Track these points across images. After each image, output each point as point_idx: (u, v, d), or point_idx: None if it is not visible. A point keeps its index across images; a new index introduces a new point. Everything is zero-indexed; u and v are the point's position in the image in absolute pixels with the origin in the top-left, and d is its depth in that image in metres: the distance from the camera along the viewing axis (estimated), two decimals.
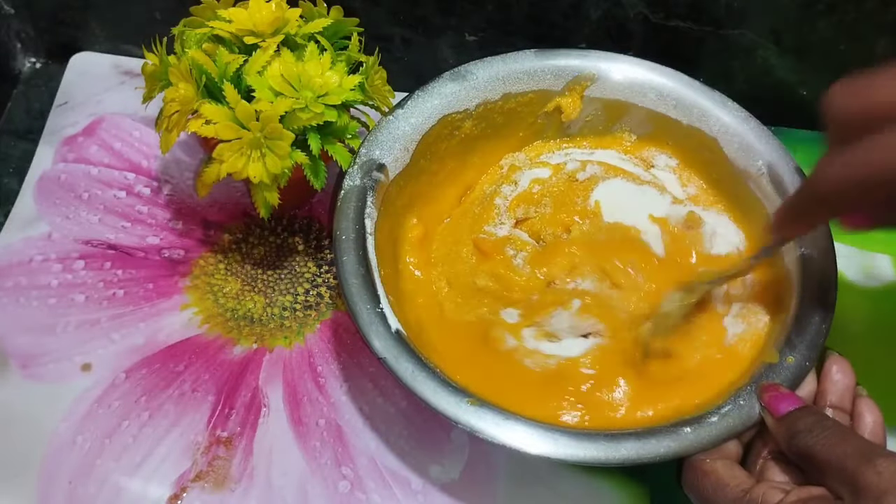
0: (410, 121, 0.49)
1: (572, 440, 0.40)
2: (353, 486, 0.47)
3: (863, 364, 0.53)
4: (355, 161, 0.47)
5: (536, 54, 0.51)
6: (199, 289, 0.53)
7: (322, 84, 0.45)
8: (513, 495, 0.47)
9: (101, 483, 0.46)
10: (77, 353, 0.50)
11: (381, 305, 0.43)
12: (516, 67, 0.51)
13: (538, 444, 0.40)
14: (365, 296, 0.43)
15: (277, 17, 0.46)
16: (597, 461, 0.40)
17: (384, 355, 0.41)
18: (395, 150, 0.48)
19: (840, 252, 0.46)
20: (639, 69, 0.52)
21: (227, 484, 0.47)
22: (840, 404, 0.42)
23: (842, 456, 0.35)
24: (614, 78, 0.52)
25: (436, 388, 0.41)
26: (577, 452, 0.40)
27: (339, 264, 0.44)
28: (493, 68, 0.51)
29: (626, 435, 0.40)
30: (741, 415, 0.41)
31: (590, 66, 0.52)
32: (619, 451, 0.40)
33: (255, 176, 0.44)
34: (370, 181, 0.47)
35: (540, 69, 0.51)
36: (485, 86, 0.51)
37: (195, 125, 0.44)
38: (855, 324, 0.53)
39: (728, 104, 0.51)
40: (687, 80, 0.52)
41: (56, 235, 0.54)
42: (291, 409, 0.49)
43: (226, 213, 0.56)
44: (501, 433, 0.40)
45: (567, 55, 0.52)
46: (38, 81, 0.63)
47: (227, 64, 0.45)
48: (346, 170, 0.47)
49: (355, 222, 0.45)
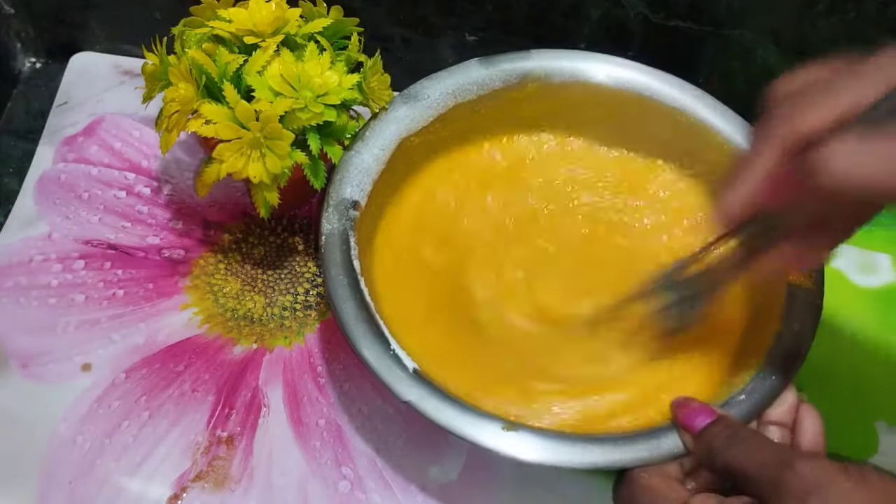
0: (373, 152, 0.48)
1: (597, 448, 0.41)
2: (353, 486, 0.47)
3: (862, 364, 0.53)
4: (328, 202, 0.46)
5: (481, 62, 0.51)
6: (199, 289, 0.53)
7: (322, 84, 0.45)
8: (512, 495, 0.47)
9: (101, 483, 0.46)
10: (77, 353, 0.50)
11: (393, 347, 0.42)
12: (464, 79, 0.51)
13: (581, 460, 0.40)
14: (375, 342, 0.42)
15: (277, 17, 0.46)
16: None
17: (408, 398, 0.41)
18: (364, 184, 0.48)
19: (840, 251, 0.46)
20: (587, 63, 0.52)
21: (227, 484, 0.47)
22: (780, 419, 0.42)
23: (760, 466, 0.36)
24: (564, 72, 0.52)
25: (470, 420, 0.41)
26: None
27: (340, 312, 0.43)
28: (443, 84, 0.51)
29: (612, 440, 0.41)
30: None
31: (536, 67, 0.52)
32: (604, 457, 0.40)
33: (254, 176, 0.44)
34: (348, 221, 0.46)
35: (488, 77, 0.51)
36: (437, 103, 0.50)
37: (195, 125, 0.44)
38: (855, 323, 0.53)
39: (672, 80, 0.52)
40: (621, 62, 0.52)
41: (56, 235, 0.54)
42: (291, 409, 0.49)
43: (226, 213, 0.56)
44: (544, 455, 0.40)
45: (512, 58, 0.52)
46: (38, 81, 0.63)
47: (227, 64, 0.45)
48: (322, 212, 0.46)
49: (344, 266, 0.44)
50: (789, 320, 0.45)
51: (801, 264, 0.38)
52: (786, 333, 0.44)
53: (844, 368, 0.52)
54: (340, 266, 0.44)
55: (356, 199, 0.47)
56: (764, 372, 0.43)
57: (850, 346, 0.53)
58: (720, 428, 0.39)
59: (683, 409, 0.41)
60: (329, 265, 0.44)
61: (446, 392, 0.41)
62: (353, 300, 0.43)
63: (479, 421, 0.41)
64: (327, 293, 0.44)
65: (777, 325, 0.45)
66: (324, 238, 0.45)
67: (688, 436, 0.40)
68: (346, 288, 0.44)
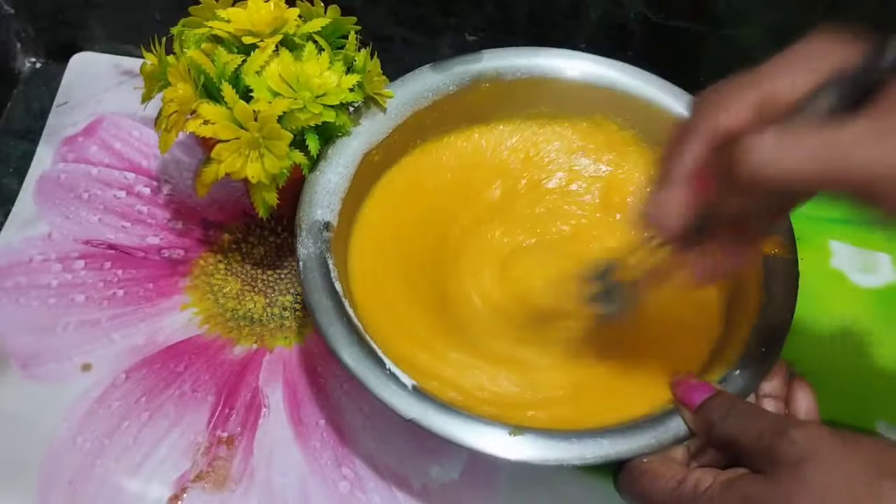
0: (338, 170, 0.48)
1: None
2: (353, 486, 0.47)
3: (862, 364, 0.53)
4: (301, 227, 0.46)
5: (433, 68, 0.52)
6: (199, 289, 0.53)
7: (320, 84, 0.45)
8: (513, 495, 0.47)
9: (101, 483, 0.46)
10: (77, 353, 0.50)
11: (388, 366, 0.42)
12: (418, 87, 0.51)
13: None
14: (369, 363, 0.42)
15: (276, 17, 0.46)
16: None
17: (412, 416, 0.41)
18: (333, 204, 0.47)
19: (840, 252, 0.47)
20: (538, 59, 0.53)
21: (227, 484, 0.47)
22: (773, 392, 0.43)
23: (756, 435, 0.36)
24: (517, 70, 0.53)
25: (475, 429, 0.41)
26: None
27: (328, 337, 0.43)
28: (399, 94, 0.51)
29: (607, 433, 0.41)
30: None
31: (487, 67, 0.52)
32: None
33: (253, 176, 0.44)
34: (323, 245, 0.46)
35: (441, 82, 0.52)
36: (394, 113, 0.51)
37: (193, 125, 0.44)
38: (855, 323, 0.53)
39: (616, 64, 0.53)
40: (577, 55, 0.53)
41: (56, 235, 0.54)
42: (291, 409, 0.49)
43: (226, 213, 0.56)
44: (549, 455, 0.41)
45: (464, 61, 0.52)
46: (38, 81, 0.63)
47: (226, 64, 0.45)
48: (297, 237, 0.46)
49: (326, 290, 0.44)
50: (771, 291, 0.45)
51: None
52: (769, 304, 0.45)
53: (845, 368, 0.52)
54: (323, 290, 0.44)
55: (328, 220, 0.47)
56: (754, 345, 0.44)
57: (851, 345, 0.53)
58: (718, 401, 0.40)
59: (682, 386, 0.42)
60: (311, 291, 0.44)
61: (447, 405, 0.42)
62: (340, 324, 0.43)
63: (485, 428, 0.41)
64: (313, 319, 0.43)
65: (759, 296, 0.45)
66: (301, 264, 0.45)
67: (687, 412, 0.41)
68: (332, 312, 0.43)
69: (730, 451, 0.39)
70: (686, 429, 0.41)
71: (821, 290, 0.54)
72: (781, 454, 0.35)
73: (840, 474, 0.33)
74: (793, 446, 0.35)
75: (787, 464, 0.34)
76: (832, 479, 0.33)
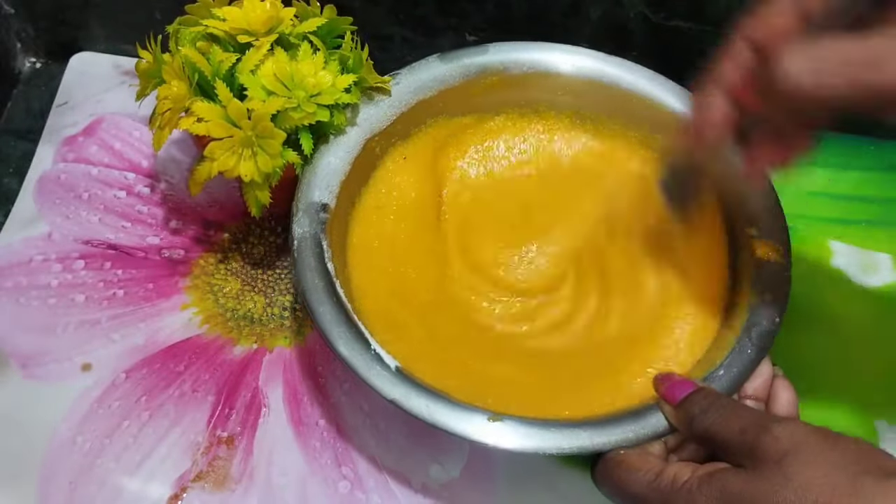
0: (339, 154, 0.48)
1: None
2: (353, 486, 0.47)
3: (863, 363, 0.53)
4: (297, 207, 0.46)
5: (441, 58, 0.52)
6: (199, 289, 0.53)
7: (315, 84, 0.45)
8: (513, 494, 0.47)
9: (101, 483, 0.46)
10: (77, 353, 0.50)
11: (373, 346, 0.42)
12: (425, 76, 0.51)
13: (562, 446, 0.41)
14: (355, 343, 0.42)
15: (271, 16, 0.46)
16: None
17: (393, 396, 0.41)
18: (332, 186, 0.47)
19: (840, 251, 0.46)
20: (543, 53, 0.53)
21: (227, 484, 0.47)
22: (755, 394, 0.43)
23: (738, 430, 0.37)
24: (522, 64, 0.53)
25: (454, 413, 0.41)
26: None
27: (317, 316, 0.43)
28: (405, 81, 0.51)
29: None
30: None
31: (494, 60, 0.52)
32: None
33: (246, 175, 0.44)
34: (319, 225, 0.46)
35: (447, 72, 0.52)
36: (399, 101, 0.51)
37: (187, 123, 0.45)
38: (854, 323, 0.53)
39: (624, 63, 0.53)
40: (582, 51, 0.53)
41: (56, 235, 0.54)
42: (291, 409, 0.49)
43: (226, 212, 0.56)
44: (527, 443, 0.41)
45: (470, 53, 0.52)
46: (38, 81, 0.63)
47: (220, 62, 0.45)
48: (292, 217, 0.46)
49: (318, 270, 0.44)
50: (761, 292, 0.45)
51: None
52: (758, 305, 0.45)
53: (844, 368, 0.52)
54: (315, 270, 0.44)
55: (325, 201, 0.47)
56: (741, 346, 0.44)
57: (851, 345, 0.53)
58: (700, 397, 0.40)
59: (665, 383, 0.42)
60: (303, 269, 0.44)
61: (429, 387, 0.42)
62: (329, 303, 0.43)
63: (464, 413, 0.41)
64: (303, 298, 0.44)
65: (749, 297, 0.45)
66: (296, 243, 0.45)
67: (668, 407, 0.41)
68: (322, 292, 0.44)
69: (710, 446, 0.39)
70: (666, 424, 0.41)
71: (821, 290, 0.54)
72: (764, 450, 0.35)
73: (823, 470, 0.33)
74: (776, 442, 0.35)
75: (769, 459, 0.35)
76: (815, 474, 0.33)
